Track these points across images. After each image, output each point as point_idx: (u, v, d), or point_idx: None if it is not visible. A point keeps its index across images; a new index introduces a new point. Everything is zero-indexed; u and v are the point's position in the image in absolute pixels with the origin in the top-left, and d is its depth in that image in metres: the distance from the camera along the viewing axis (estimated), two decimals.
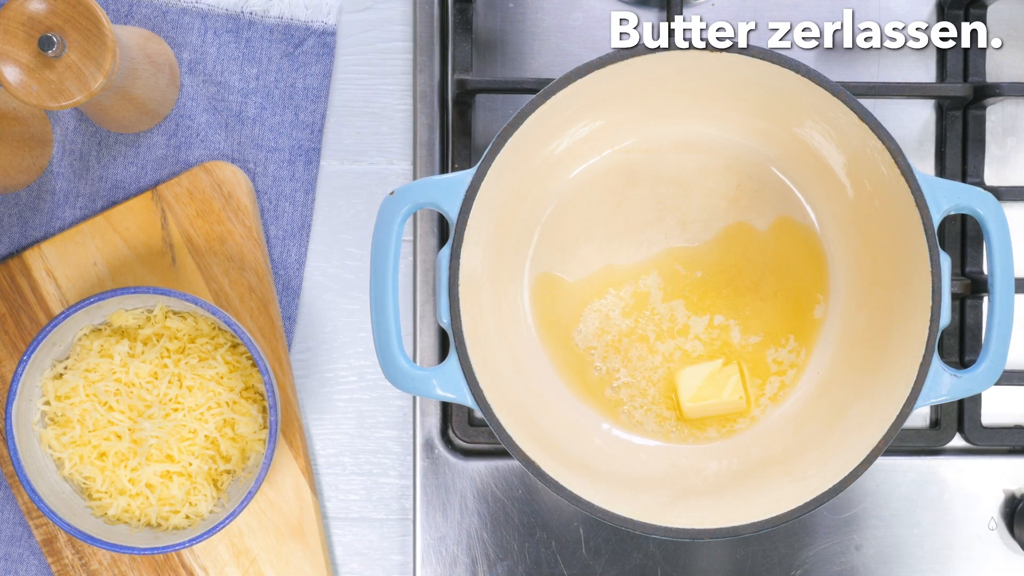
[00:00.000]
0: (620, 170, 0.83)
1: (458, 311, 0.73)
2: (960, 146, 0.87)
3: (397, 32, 0.89)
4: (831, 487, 0.73)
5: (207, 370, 0.82)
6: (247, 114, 0.88)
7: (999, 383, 0.76)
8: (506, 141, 0.73)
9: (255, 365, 0.83)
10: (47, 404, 0.83)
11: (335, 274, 0.89)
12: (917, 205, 0.73)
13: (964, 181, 0.86)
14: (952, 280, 0.83)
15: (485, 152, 0.73)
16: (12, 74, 0.73)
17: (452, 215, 0.73)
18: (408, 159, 0.89)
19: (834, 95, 0.74)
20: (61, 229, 0.88)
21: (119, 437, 0.82)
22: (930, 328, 0.73)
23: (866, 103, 0.76)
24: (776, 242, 0.83)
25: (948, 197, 0.74)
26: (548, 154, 0.81)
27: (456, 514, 0.86)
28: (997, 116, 0.88)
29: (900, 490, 0.86)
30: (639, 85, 0.77)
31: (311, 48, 0.88)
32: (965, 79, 0.87)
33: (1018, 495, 0.87)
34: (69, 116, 0.88)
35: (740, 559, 0.86)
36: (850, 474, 0.73)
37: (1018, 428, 0.87)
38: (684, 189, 0.83)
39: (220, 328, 0.84)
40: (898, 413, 0.73)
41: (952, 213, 0.74)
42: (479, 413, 0.75)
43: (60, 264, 0.86)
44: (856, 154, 0.77)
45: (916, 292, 0.74)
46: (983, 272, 0.86)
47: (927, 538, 0.87)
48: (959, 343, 0.86)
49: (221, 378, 0.83)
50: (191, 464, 0.82)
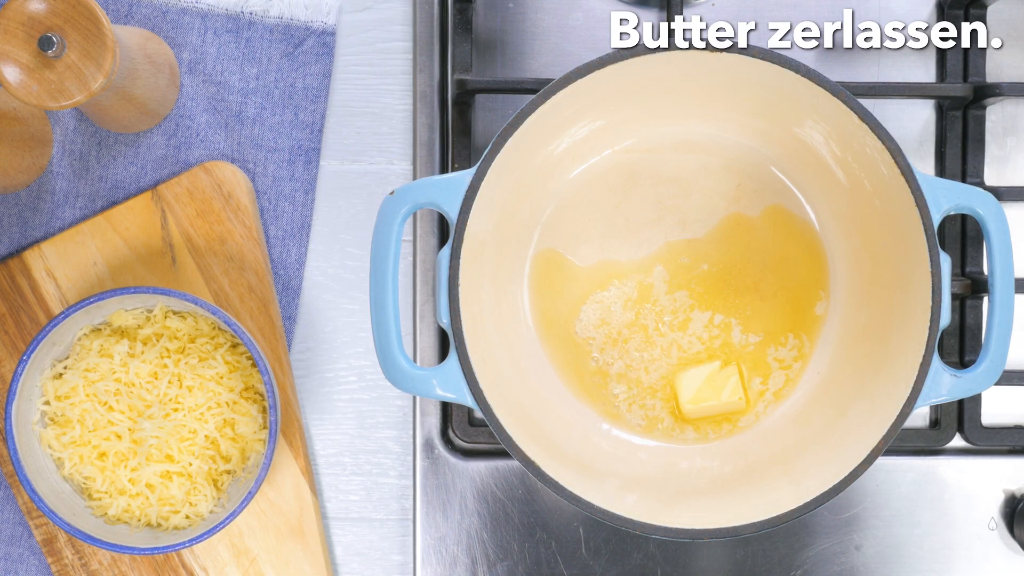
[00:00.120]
0: (620, 170, 0.83)
1: (458, 311, 0.73)
2: (960, 146, 0.87)
3: (397, 32, 0.89)
4: (831, 487, 0.73)
5: (207, 370, 0.82)
6: (247, 114, 0.88)
7: (999, 383, 0.76)
8: (506, 141, 0.73)
9: (255, 365, 0.83)
10: (47, 404, 0.83)
11: (335, 274, 0.89)
12: (917, 205, 0.73)
13: (964, 181, 0.86)
14: (952, 280, 0.83)
15: (485, 152, 0.73)
16: (12, 74, 0.73)
17: (452, 215, 0.73)
18: (408, 159, 0.89)
19: (834, 95, 0.73)
20: (61, 229, 0.88)
21: (119, 437, 0.82)
22: (930, 328, 0.73)
23: (866, 103, 0.75)
24: (777, 242, 0.83)
25: (948, 197, 0.74)
26: (548, 154, 0.81)
27: (456, 514, 0.86)
28: (997, 116, 0.88)
29: (900, 490, 0.86)
30: (639, 85, 0.77)
31: (311, 48, 0.88)
32: (965, 79, 0.87)
33: (1018, 495, 0.87)
34: (69, 116, 0.88)
35: (740, 559, 0.86)
36: (850, 474, 0.73)
37: (1018, 428, 0.87)
38: (684, 189, 0.83)
39: (220, 328, 0.84)
40: (898, 413, 0.73)
41: (952, 213, 0.74)
42: (479, 413, 0.75)
43: (60, 264, 0.86)
44: (856, 154, 0.77)
45: (916, 292, 0.74)
46: (983, 272, 0.86)
47: (927, 538, 0.87)
48: (959, 343, 0.86)
49: (221, 378, 0.83)
50: (191, 464, 0.82)
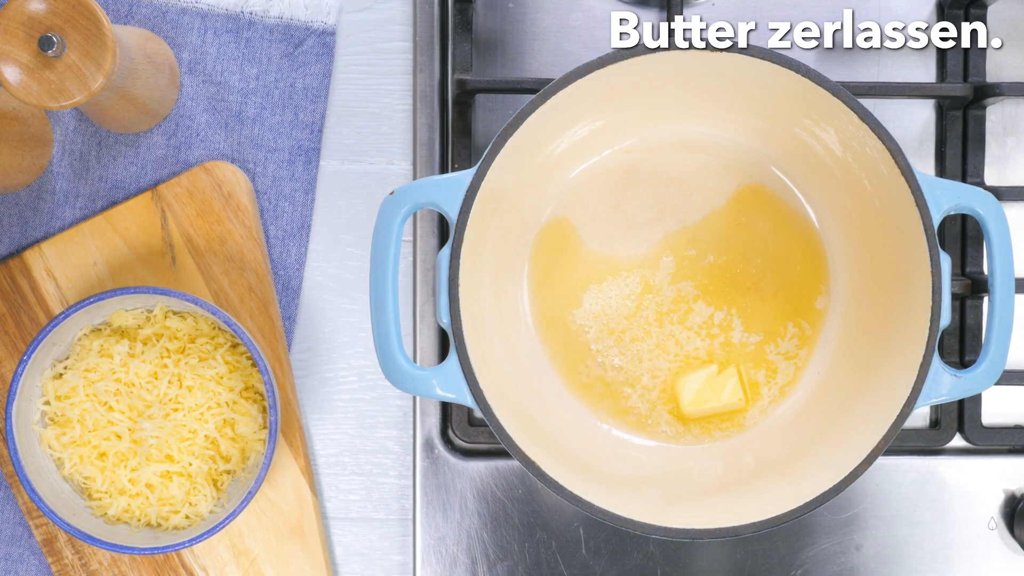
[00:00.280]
0: (620, 170, 0.83)
1: (458, 311, 0.73)
2: (960, 146, 0.87)
3: (397, 32, 0.89)
4: (831, 487, 0.73)
5: (207, 370, 0.82)
6: (247, 114, 0.88)
7: (999, 383, 0.76)
8: (506, 141, 0.73)
9: (255, 365, 0.83)
10: (47, 404, 0.83)
11: (335, 274, 0.89)
12: (917, 205, 0.73)
13: (964, 181, 0.86)
14: (952, 280, 0.83)
15: (485, 152, 0.73)
16: (12, 74, 0.73)
17: (452, 215, 0.73)
18: (408, 159, 0.89)
19: (834, 95, 0.73)
20: (61, 229, 0.88)
21: (119, 437, 0.82)
22: (930, 328, 0.73)
23: (866, 103, 0.75)
24: (776, 242, 0.83)
25: (948, 197, 0.74)
26: (548, 154, 0.81)
27: (456, 514, 0.86)
28: (997, 116, 0.88)
29: (900, 490, 0.86)
30: (639, 85, 0.77)
31: (311, 48, 0.88)
32: (965, 79, 0.87)
33: (1018, 495, 0.87)
34: (69, 116, 0.88)
35: (740, 559, 0.86)
36: (850, 474, 0.73)
37: (1018, 428, 0.87)
38: (684, 189, 0.83)
39: (220, 328, 0.84)
40: (898, 413, 0.73)
41: (952, 213, 0.74)
42: (479, 413, 0.74)
43: (60, 264, 0.86)
44: (856, 154, 0.77)
45: (916, 292, 0.74)
46: (983, 272, 0.86)
47: (927, 538, 0.87)
48: (959, 343, 0.86)
49: (221, 378, 0.83)
50: (191, 464, 0.82)
